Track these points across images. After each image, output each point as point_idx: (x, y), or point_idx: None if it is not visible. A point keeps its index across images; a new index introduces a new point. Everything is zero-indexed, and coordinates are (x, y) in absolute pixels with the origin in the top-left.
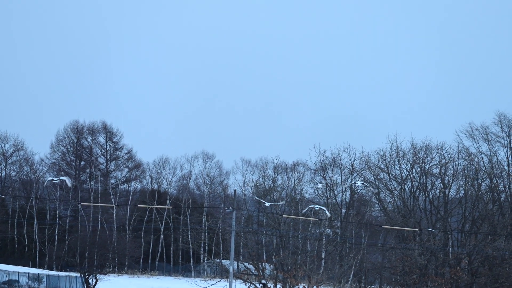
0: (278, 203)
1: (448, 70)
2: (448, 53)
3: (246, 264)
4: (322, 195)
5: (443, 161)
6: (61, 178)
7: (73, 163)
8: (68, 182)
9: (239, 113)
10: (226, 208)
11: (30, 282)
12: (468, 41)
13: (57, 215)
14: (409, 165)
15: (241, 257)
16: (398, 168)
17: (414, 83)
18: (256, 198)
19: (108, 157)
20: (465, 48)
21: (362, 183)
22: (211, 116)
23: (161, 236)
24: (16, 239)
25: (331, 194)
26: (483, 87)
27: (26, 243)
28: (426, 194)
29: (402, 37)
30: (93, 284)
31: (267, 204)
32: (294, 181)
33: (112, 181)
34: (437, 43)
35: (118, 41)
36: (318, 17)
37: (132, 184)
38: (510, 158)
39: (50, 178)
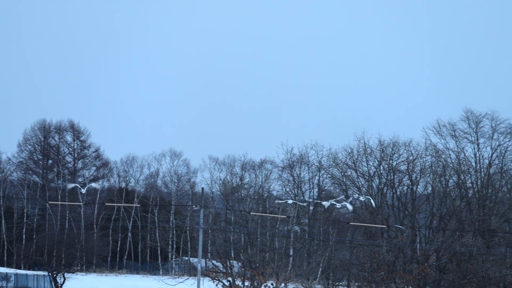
0: (304, 203)
1: (415, 66)
2: (415, 50)
3: (214, 261)
4: (290, 192)
5: (411, 157)
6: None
7: (41, 162)
8: (97, 186)
9: (205, 111)
10: (194, 206)
11: None
12: (434, 37)
13: (25, 214)
14: (377, 162)
15: (209, 254)
16: (366, 165)
17: (380, 79)
18: (292, 201)
19: (76, 156)
20: (432, 45)
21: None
22: (178, 114)
23: (129, 234)
24: None
25: (299, 191)
26: (450, 84)
27: None
28: (394, 191)
29: (372, 34)
30: (61, 282)
31: (290, 201)
32: (262, 178)
33: (80, 179)
34: (404, 40)
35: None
36: (309, 19)
37: (100, 182)
38: (477, 155)
39: (74, 185)
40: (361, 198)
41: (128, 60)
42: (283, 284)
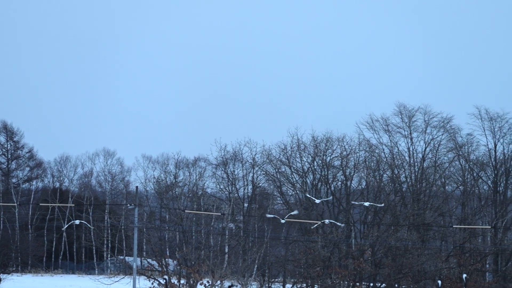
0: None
1: (348, 61)
2: (350, 45)
3: (149, 260)
4: (224, 190)
5: (344, 153)
6: None
7: None
8: None
9: (138, 111)
10: (128, 205)
11: None
12: (367, 31)
13: None
14: (311, 158)
15: (144, 253)
16: (300, 161)
17: (312, 73)
18: (307, 195)
19: (9, 157)
20: (366, 39)
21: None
22: (111, 113)
23: (64, 234)
24: None
25: (233, 188)
26: (382, 78)
27: None
28: (328, 187)
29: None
30: None
31: (317, 201)
32: (196, 176)
33: (14, 180)
34: (345, 34)
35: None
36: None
37: (34, 183)
38: (411, 149)
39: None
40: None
41: (61, 59)
42: (219, 282)
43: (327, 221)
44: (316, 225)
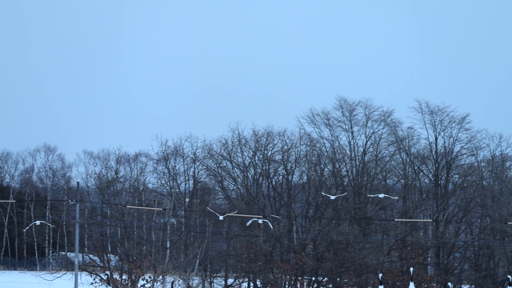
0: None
1: (289, 57)
2: (290, 39)
3: (91, 256)
4: (165, 185)
5: (285, 147)
6: None
7: None
8: None
9: (77, 105)
10: (70, 201)
11: None
12: (310, 28)
13: None
14: (252, 152)
15: (86, 249)
16: (241, 156)
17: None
18: (323, 193)
19: None
20: (308, 35)
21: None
22: (52, 109)
23: (5, 230)
24: None
25: (174, 183)
26: (324, 72)
27: None
28: (269, 181)
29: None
30: None
31: (332, 197)
32: (137, 171)
33: None
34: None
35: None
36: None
37: None
38: (352, 143)
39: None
40: None
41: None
42: (160, 277)
43: (260, 221)
44: (251, 221)
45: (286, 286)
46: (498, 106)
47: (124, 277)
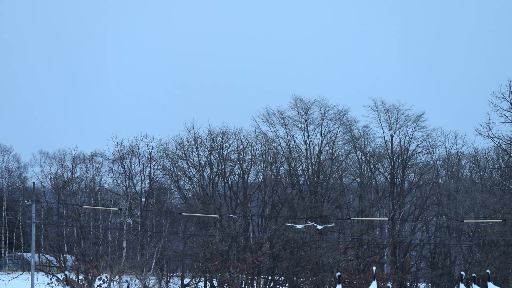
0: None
1: (244, 55)
2: (244, 39)
3: (47, 256)
4: (121, 185)
5: (241, 146)
6: None
7: None
8: None
9: (31, 103)
10: (26, 201)
11: None
12: (267, 24)
13: None
14: (207, 152)
15: (42, 249)
16: (197, 155)
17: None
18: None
19: None
20: (259, 33)
21: None
22: (7, 108)
23: None
24: None
25: (130, 183)
26: (279, 71)
27: None
28: (225, 180)
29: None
30: None
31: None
32: (93, 171)
33: None
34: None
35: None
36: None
37: None
38: (307, 142)
39: None
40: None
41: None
42: (117, 277)
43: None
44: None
45: (243, 285)
46: (453, 104)
47: (80, 277)
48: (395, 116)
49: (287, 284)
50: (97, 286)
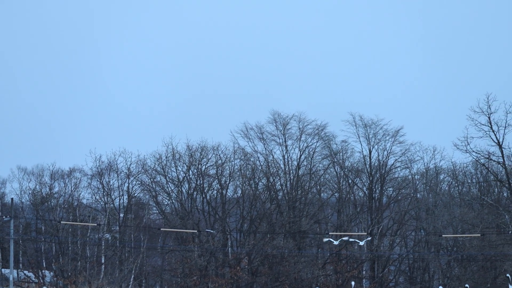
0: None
1: (222, 70)
2: (222, 53)
3: (26, 272)
4: (100, 200)
5: (219, 161)
6: None
7: None
8: None
9: (10, 120)
10: (4, 217)
11: None
12: (245, 39)
13: None
14: (186, 167)
15: (20, 265)
16: (175, 171)
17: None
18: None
19: None
20: (240, 48)
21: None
22: None
23: None
24: None
25: (109, 198)
26: (257, 86)
27: None
28: (204, 195)
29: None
30: None
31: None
32: (71, 187)
33: None
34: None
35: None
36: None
37: None
38: (286, 156)
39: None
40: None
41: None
42: None
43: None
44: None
45: None
46: (431, 119)
47: None
48: (373, 131)
49: None
50: None
